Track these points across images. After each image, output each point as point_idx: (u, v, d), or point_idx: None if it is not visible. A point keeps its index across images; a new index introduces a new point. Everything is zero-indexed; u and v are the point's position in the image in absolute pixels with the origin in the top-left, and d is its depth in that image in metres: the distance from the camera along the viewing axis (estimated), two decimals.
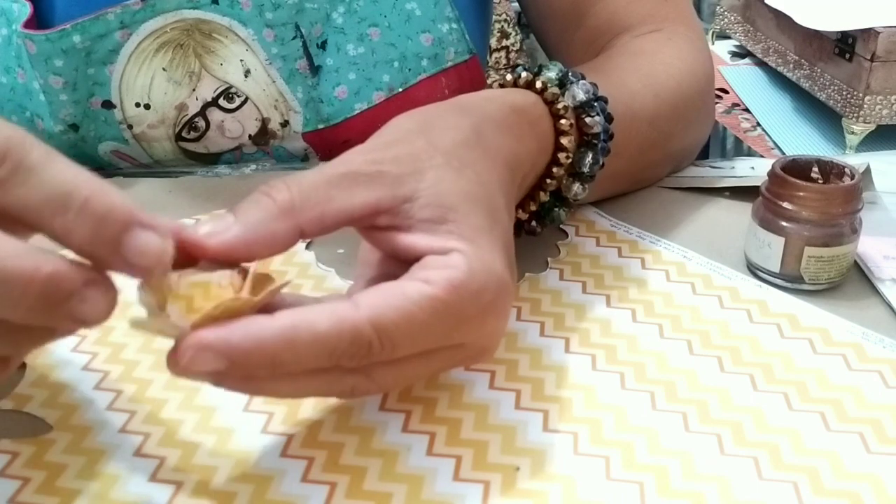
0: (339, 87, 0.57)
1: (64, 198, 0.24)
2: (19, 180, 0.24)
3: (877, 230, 0.47)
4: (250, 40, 0.55)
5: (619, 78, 0.48)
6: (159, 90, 0.55)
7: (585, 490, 0.31)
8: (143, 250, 0.25)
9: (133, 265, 0.25)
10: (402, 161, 0.32)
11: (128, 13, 0.53)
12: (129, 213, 0.25)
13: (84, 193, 0.24)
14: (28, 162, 0.24)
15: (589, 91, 0.42)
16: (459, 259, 0.30)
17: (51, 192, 0.24)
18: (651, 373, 0.37)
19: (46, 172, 0.24)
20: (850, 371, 0.37)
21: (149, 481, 0.31)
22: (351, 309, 0.28)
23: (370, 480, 0.31)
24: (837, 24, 1.11)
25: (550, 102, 0.41)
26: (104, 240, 0.25)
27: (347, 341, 0.28)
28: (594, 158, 0.42)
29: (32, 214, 0.24)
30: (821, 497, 0.30)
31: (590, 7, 0.57)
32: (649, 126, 0.48)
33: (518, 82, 0.41)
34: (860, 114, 1.10)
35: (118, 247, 0.25)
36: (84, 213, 0.24)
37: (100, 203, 0.24)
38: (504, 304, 0.32)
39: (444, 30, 0.58)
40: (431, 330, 0.29)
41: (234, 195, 0.52)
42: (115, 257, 0.25)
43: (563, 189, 0.42)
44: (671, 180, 0.54)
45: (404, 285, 0.29)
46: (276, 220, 0.29)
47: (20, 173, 0.24)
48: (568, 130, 0.40)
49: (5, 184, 0.24)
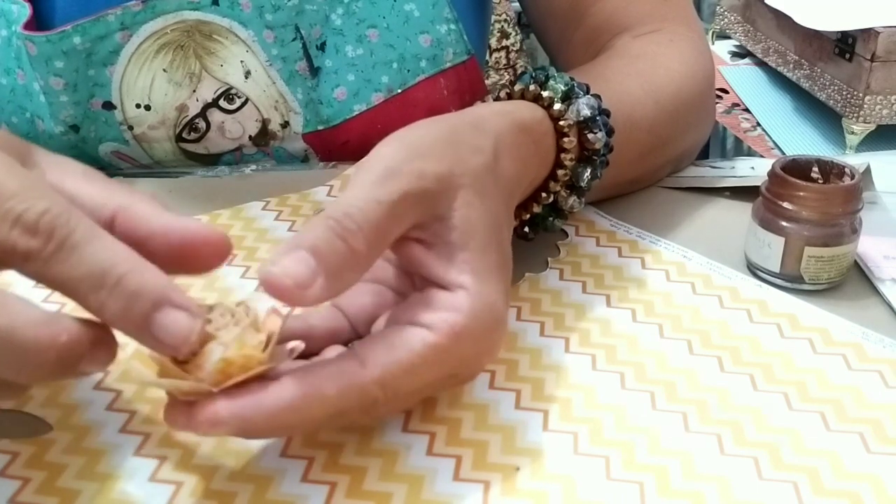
0: (338, 88, 0.57)
1: (99, 277, 0.25)
2: (61, 258, 0.25)
3: (877, 230, 0.47)
4: (250, 41, 0.55)
5: (621, 84, 0.48)
6: (160, 91, 0.55)
7: (585, 490, 0.31)
8: (171, 330, 0.26)
9: (161, 343, 0.26)
10: (441, 179, 0.32)
11: (128, 14, 0.53)
12: (160, 292, 0.26)
13: (119, 272, 0.25)
14: (72, 240, 0.25)
15: (594, 107, 0.41)
16: (464, 301, 0.30)
17: (88, 270, 0.25)
18: (651, 373, 0.37)
19: (87, 250, 0.25)
20: (850, 371, 0.37)
21: (149, 481, 0.31)
22: (358, 369, 0.29)
23: (370, 480, 0.31)
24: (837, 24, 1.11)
25: (555, 119, 0.40)
26: (133, 318, 0.25)
27: (355, 401, 0.29)
28: (592, 173, 0.42)
29: (69, 289, 0.25)
30: (821, 497, 0.30)
31: (589, 6, 0.57)
32: (648, 133, 0.48)
33: (525, 95, 0.41)
34: (860, 114, 1.10)
35: (148, 325, 0.26)
36: (116, 292, 0.25)
37: (132, 282, 0.25)
38: (499, 342, 0.32)
39: (442, 31, 0.58)
40: (432, 372, 0.30)
41: (234, 195, 0.52)
42: (145, 334, 0.26)
43: (560, 201, 0.42)
44: (671, 180, 0.54)
45: (408, 335, 0.30)
46: (351, 271, 0.29)
47: (63, 251, 0.25)
48: (570, 149, 0.40)
49: (48, 261, 0.25)
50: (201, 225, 0.28)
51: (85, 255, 0.25)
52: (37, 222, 0.25)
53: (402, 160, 0.32)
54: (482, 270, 0.31)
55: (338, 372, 0.28)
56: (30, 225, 0.25)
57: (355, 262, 0.29)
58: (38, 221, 0.25)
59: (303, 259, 0.28)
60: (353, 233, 0.29)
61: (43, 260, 0.25)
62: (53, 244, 0.25)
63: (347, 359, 0.29)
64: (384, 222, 0.30)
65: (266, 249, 0.46)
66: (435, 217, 0.32)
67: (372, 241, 0.29)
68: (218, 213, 0.50)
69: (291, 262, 0.28)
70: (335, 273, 0.28)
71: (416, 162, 0.32)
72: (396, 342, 0.29)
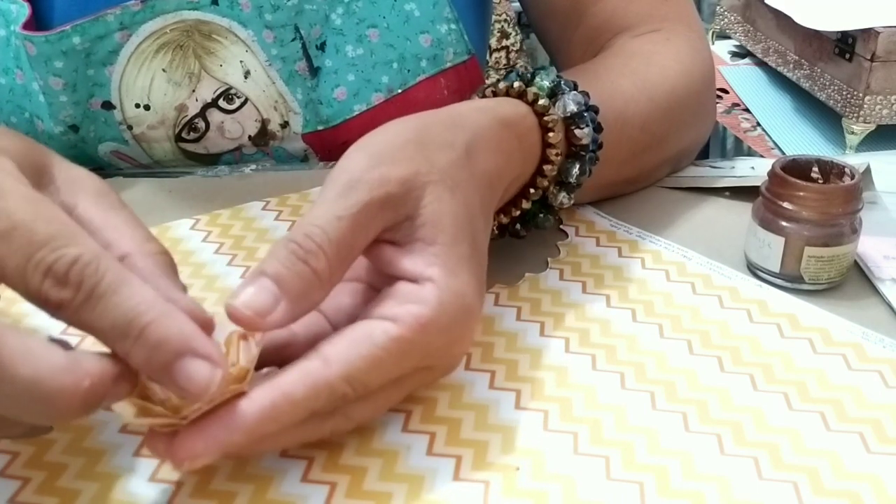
0: (338, 88, 0.57)
1: (124, 327, 0.26)
2: (90, 307, 0.26)
3: (877, 230, 0.47)
4: (250, 41, 0.55)
5: (613, 83, 0.48)
6: (159, 91, 0.55)
7: (585, 490, 0.31)
8: (192, 378, 0.26)
9: (183, 390, 0.27)
10: (405, 181, 0.32)
11: (127, 14, 0.53)
12: (183, 342, 0.26)
13: (143, 322, 0.26)
14: (100, 290, 0.26)
15: (580, 102, 0.41)
16: (431, 293, 0.31)
17: (114, 320, 0.26)
18: (651, 373, 0.37)
19: (114, 299, 0.26)
20: (850, 371, 0.37)
21: (149, 481, 0.31)
22: (323, 368, 0.29)
23: (370, 480, 0.31)
24: (837, 24, 1.11)
25: (540, 114, 0.40)
26: (157, 366, 0.26)
27: (324, 399, 0.29)
28: (581, 169, 0.42)
29: (99, 336, 0.26)
30: (821, 497, 0.30)
31: (589, 6, 0.57)
32: (641, 131, 0.48)
33: (510, 92, 0.41)
34: (860, 114, 1.10)
35: (170, 372, 0.26)
36: (140, 343, 0.26)
37: (155, 333, 0.26)
38: (471, 332, 0.33)
39: (442, 30, 0.58)
40: (400, 365, 0.30)
41: (234, 195, 0.52)
42: (168, 380, 0.27)
43: (550, 197, 0.42)
44: (671, 180, 0.54)
45: (371, 328, 0.30)
46: (316, 290, 0.30)
47: (91, 300, 0.26)
48: (556, 144, 0.41)
49: (77, 311, 0.26)
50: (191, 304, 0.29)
51: (110, 305, 0.26)
52: (67, 273, 0.26)
53: (364, 169, 0.32)
54: (451, 263, 0.32)
55: (303, 373, 0.29)
56: (60, 276, 0.26)
57: (319, 282, 0.30)
58: (68, 272, 0.26)
59: (265, 287, 0.29)
60: (315, 253, 0.30)
61: (73, 310, 0.26)
62: (82, 294, 0.26)
63: (311, 359, 0.29)
64: (347, 237, 0.30)
65: (266, 249, 0.46)
66: (404, 217, 0.32)
67: (335, 258, 0.30)
68: (218, 213, 0.50)
69: (253, 291, 0.29)
70: (299, 296, 0.29)
71: (378, 169, 0.32)
72: (359, 337, 0.30)
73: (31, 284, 0.26)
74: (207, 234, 0.48)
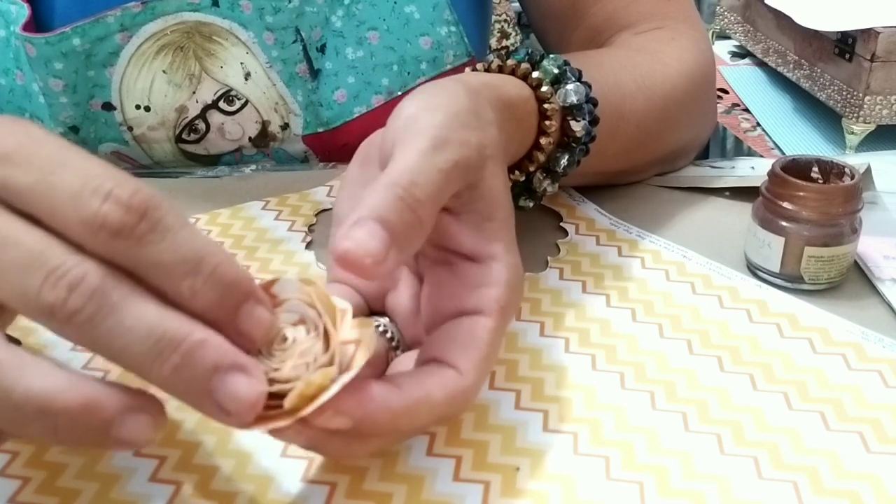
0: (339, 90, 0.57)
1: (197, 261, 0.24)
2: (157, 237, 0.24)
3: (877, 230, 0.47)
4: (251, 43, 0.55)
5: (616, 76, 0.48)
6: (159, 92, 0.55)
7: (585, 490, 0.31)
8: (258, 321, 0.26)
9: (244, 334, 0.25)
10: (479, 148, 0.31)
11: (128, 16, 0.53)
12: (251, 285, 0.26)
13: (215, 260, 0.25)
14: (166, 222, 0.24)
15: (581, 94, 0.41)
16: (500, 274, 0.31)
17: (185, 254, 0.24)
18: (651, 373, 0.37)
19: (181, 234, 0.25)
20: (850, 371, 0.37)
21: (149, 481, 0.31)
22: (458, 377, 0.29)
23: (370, 480, 0.31)
24: (837, 24, 1.11)
25: (541, 101, 0.40)
26: (226, 307, 0.25)
27: (460, 406, 0.29)
28: (570, 160, 0.42)
29: (161, 273, 0.24)
30: (821, 497, 0.30)
31: (590, 7, 0.57)
32: (636, 127, 0.48)
33: (516, 71, 0.41)
34: (860, 114, 1.10)
35: (236, 316, 0.25)
36: (213, 279, 0.25)
37: (229, 272, 0.25)
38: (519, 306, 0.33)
39: (442, 33, 0.58)
40: (497, 354, 0.31)
41: (234, 195, 0.52)
42: (230, 325, 0.25)
43: (535, 182, 0.42)
44: (671, 180, 0.54)
45: (471, 328, 0.30)
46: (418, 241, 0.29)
47: (158, 231, 0.24)
48: (550, 133, 0.40)
49: (142, 239, 0.24)
50: None
51: (180, 238, 0.24)
52: (130, 199, 0.24)
53: (450, 129, 0.31)
54: (508, 239, 0.32)
55: (441, 381, 0.29)
56: (123, 200, 0.24)
57: (422, 232, 0.29)
58: (131, 199, 0.24)
59: (375, 232, 0.27)
60: (423, 203, 0.28)
61: (136, 238, 0.24)
62: (147, 223, 0.24)
63: (443, 371, 0.29)
64: (443, 192, 0.29)
65: (266, 249, 0.46)
66: (469, 186, 0.31)
67: (434, 211, 0.29)
68: (218, 213, 0.50)
69: (364, 236, 0.27)
70: (405, 243, 0.28)
71: (461, 131, 0.31)
72: (469, 341, 0.30)
73: (88, 209, 0.24)
74: (207, 233, 0.48)
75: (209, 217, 0.50)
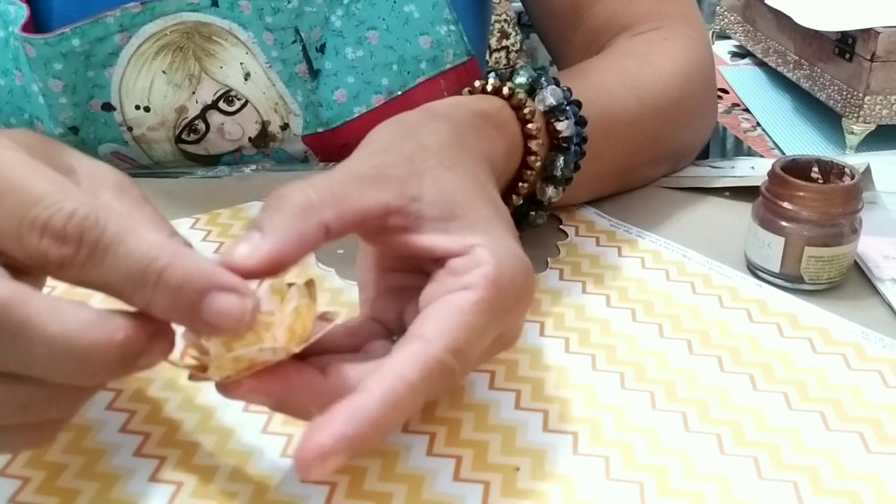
0: (338, 90, 0.57)
1: (140, 275, 0.25)
2: (96, 261, 0.24)
3: (877, 230, 0.47)
4: (250, 43, 0.55)
5: (600, 80, 0.48)
6: (159, 93, 0.55)
7: (585, 490, 0.31)
8: (223, 312, 0.25)
9: (215, 328, 0.25)
10: (399, 165, 0.32)
11: (127, 16, 0.53)
12: (206, 278, 0.25)
13: (160, 265, 0.25)
14: (104, 241, 0.24)
15: (559, 96, 0.42)
16: (484, 254, 0.30)
17: (128, 270, 0.25)
18: (651, 373, 0.37)
19: (122, 249, 0.25)
20: (850, 371, 0.37)
21: (149, 481, 0.31)
22: (426, 346, 0.28)
23: (370, 480, 0.31)
24: (837, 24, 1.11)
25: (517, 108, 0.40)
26: (182, 308, 0.25)
27: (438, 377, 0.28)
28: (566, 162, 0.42)
29: (113, 292, 0.25)
30: (821, 497, 0.30)
31: (590, 7, 0.57)
32: (630, 128, 0.48)
33: (485, 89, 0.41)
34: (860, 114, 1.10)
35: (199, 312, 0.25)
36: (161, 287, 0.25)
37: (175, 273, 0.25)
38: (532, 286, 0.32)
39: (442, 32, 0.58)
40: (488, 331, 0.30)
41: (234, 196, 0.52)
42: (197, 322, 0.25)
43: (538, 192, 0.43)
44: (671, 180, 0.54)
45: (451, 300, 0.29)
46: (300, 219, 0.29)
47: (97, 254, 0.24)
48: (536, 134, 0.41)
49: (84, 267, 0.24)
50: None
51: (120, 256, 0.24)
52: (64, 227, 0.24)
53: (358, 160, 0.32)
54: (482, 225, 0.31)
55: (409, 355, 0.28)
56: (57, 231, 0.24)
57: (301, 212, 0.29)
58: (65, 226, 0.24)
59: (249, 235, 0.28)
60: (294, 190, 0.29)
61: (78, 266, 0.24)
62: (85, 249, 0.24)
63: (410, 342, 0.28)
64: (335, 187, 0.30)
65: None
66: (411, 198, 0.31)
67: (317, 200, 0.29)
68: (217, 213, 0.50)
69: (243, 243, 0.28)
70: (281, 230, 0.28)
71: (372, 158, 0.32)
72: (445, 311, 0.29)
73: (30, 245, 0.24)
74: (207, 233, 0.48)
75: (209, 217, 0.50)
